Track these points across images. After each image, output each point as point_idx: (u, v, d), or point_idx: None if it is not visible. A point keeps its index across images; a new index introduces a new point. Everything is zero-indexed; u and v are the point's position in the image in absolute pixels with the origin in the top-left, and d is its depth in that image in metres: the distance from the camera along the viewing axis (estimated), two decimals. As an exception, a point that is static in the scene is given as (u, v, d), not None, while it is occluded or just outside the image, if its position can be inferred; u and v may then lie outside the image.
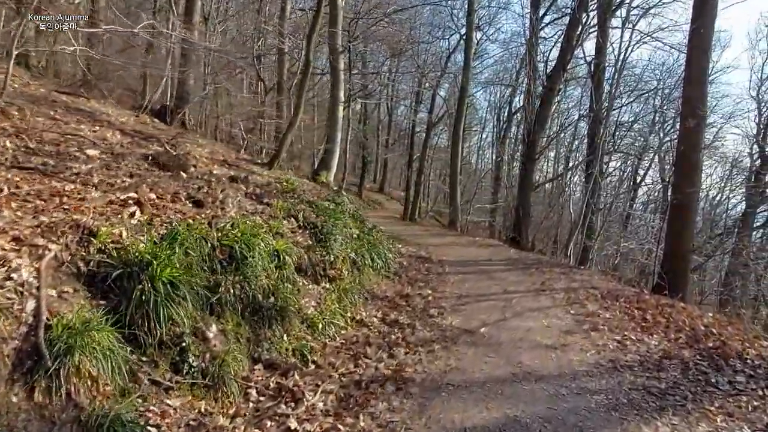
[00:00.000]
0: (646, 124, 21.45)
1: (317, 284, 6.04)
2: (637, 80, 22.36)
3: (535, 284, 9.28)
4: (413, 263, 10.44)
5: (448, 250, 13.45)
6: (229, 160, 10.48)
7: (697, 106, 12.92)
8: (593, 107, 17.83)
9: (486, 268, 10.92)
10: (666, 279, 12.29)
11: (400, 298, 7.54)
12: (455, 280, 9.37)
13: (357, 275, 7.31)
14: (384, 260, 8.67)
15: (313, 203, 7.98)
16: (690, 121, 12.07)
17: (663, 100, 21.85)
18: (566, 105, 26.86)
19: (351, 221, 8.58)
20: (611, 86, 17.69)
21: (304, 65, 11.72)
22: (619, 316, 7.08)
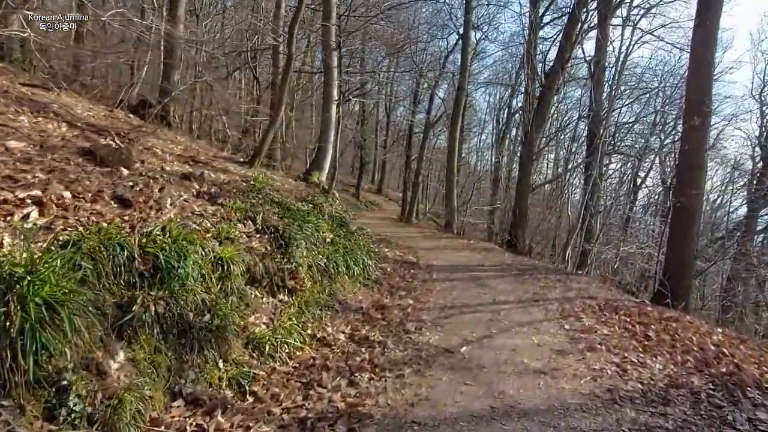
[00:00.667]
0: (647, 125, 20.54)
1: (273, 296, 5.18)
2: (638, 80, 21.50)
3: (528, 293, 8.41)
4: (398, 269, 9.59)
5: (439, 253, 12.60)
6: (204, 157, 9.65)
7: (702, 103, 12.03)
8: (593, 107, 16.95)
9: (477, 274, 10.05)
10: (668, 286, 11.45)
11: (376, 309, 6.68)
12: (442, 288, 8.51)
13: (327, 284, 6.46)
14: (362, 267, 7.81)
15: (282, 204, 7.14)
16: (695, 119, 11.18)
17: (664, 101, 20.92)
18: (566, 106, 26.04)
19: (326, 224, 7.73)
20: (611, 86, 16.83)
21: (287, 59, 10.88)
22: (619, 332, 6.21)
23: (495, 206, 24.10)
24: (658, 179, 26.09)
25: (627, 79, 19.65)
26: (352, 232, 9.22)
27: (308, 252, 6.17)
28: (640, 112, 21.21)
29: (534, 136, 17.50)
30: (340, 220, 9.58)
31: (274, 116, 10.92)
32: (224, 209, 5.56)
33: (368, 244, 10.25)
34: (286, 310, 5.15)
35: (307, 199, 8.95)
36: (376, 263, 9.41)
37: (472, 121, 37.16)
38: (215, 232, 4.93)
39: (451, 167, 21.82)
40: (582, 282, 9.86)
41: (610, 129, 18.63)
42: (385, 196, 36.40)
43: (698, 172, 12.31)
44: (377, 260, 9.74)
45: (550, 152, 28.79)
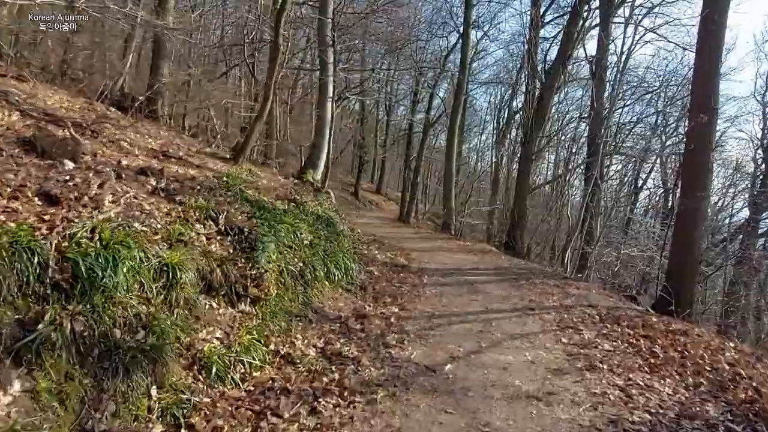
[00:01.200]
0: (648, 126, 19.82)
1: (233, 307, 4.51)
2: (640, 81, 20.78)
3: (524, 300, 7.73)
4: (387, 273, 8.91)
5: (433, 255, 11.92)
6: (183, 153, 8.99)
7: (708, 100, 11.34)
8: (594, 105, 16.25)
9: (470, 278, 9.37)
10: (671, 292, 10.77)
11: (356, 319, 6.00)
12: (431, 293, 7.83)
13: (301, 291, 5.79)
14: (344, 271, 7.14)
15: (256, 203, 6.47)
16: (701, 117, 10.47)
17: (666, 102, 20.19)
18: (566, 107, 25.32)
19: (306, 225, 7.04)
20: (613, 85, 16.12)
21: (273, 49, 10.21)
22: (622, 348, 5.53)
23: (494, 207, 23.39)
24: (659, 181, 25.43)
25: (629, 79, 18.93)
26: (338, 233, 8.54)
27: (279, 256, 5.50)
28: (641, 112, 20.53)
29: (534, 135, 16.82)
30: (326, 220, 8.91)
31: (261, 111, 10.25)
32: (182, 207, 4.89)
33: (355, 246, 9.59)
34: (247, 322, 4.48)
35: (290, 198, 8.27)
36: (363, 266, 8.74)
37: (472, 121, 36.48)
38: (165, 233, 4.26)
39: (450, 167, 21.14)
40: (581, 288, 9.18)
41: (612, 129, 17.95)
42: (384, 196, 35.71)
43: (703, 172, 11.62)
44: (365, 263, 9.08)
45: (551, 153, 28.08)
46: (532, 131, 16.62)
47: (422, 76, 26.14)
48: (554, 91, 17.18)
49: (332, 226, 8.83)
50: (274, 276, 5.14)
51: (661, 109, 19.55)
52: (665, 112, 19.85)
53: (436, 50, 29.13)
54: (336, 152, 34.50)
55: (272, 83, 10.10)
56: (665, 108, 19.72)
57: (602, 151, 15.32)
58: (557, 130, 20.15)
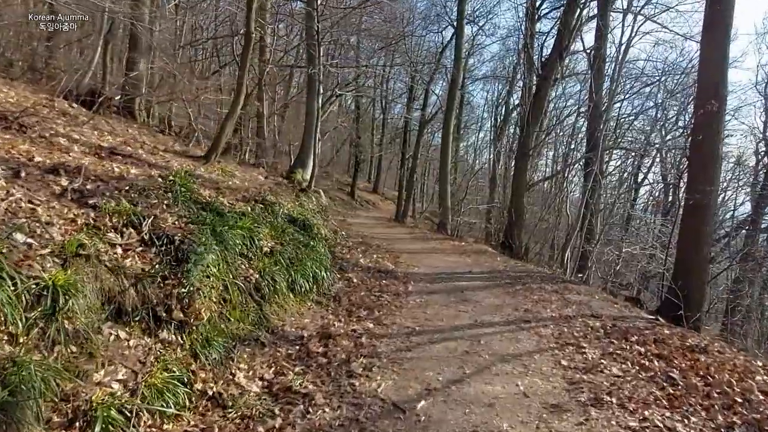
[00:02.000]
0: (648, 121, 18.78)
1: (150, 336, 3.55)
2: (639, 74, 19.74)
3: (518, 310, 6.75)
4: (368, 279, 7.93)
5: (424, 258, 10.94)
6: (143, 150, 8.06)
7: (716, 86, 10.32)
8: (593, 97, 15.24)
9: (461, 284, 8.39)
10: (679, 295, 9.79)
11: (321, 339, 5.04)
12: (415, 303, 6.86)
13: (254, 308, 4.83)
14: (314, 281, 6.18)
15: (208, 205, 5.51)
16: (711, 103, 9.48)
17: (666, 95, 19.13)
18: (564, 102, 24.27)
19: (269, 229, 6.08)
20: (612, 78, 15.11)
21: (245, 38, 9.24)
22: (633, 372, 4.54)
23: (492, 205, 22.36)
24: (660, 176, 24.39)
25: (628, 72, 17.91)
26: (313, 237, 7.58)
27: (224, 267, 4.53)
28: (641, 105, 19.50)
29: (530, 130, 15.81)
30: (302, 223, 7.96)
31: (233, 107, 9.30)
32: (95, 213, 3.93)
33: (335, 251, 8.64)
34: (168, 355, 3.52)
35: (258, 199, 7.32)
36: (341, 274, 7.78)
37: (470, 118, 35.49)
38: (57, 246, 3.30)
39: (445, 164, 20.19)
40: (582, 293, 8.19)
41: (611, 123, 16.96)
42: (381, 195, 34.74)
43: (712, 164, 10.60)
44: (344, 269, 8.12)
45: (549, 149, 27.04)
46: (528, 125, 15.60)
47: (417, 73, 25.18)
48: (551, 83, 16.14)
49: (308, 229, 7.87)
50: (211, 293, 4.17)
51: (661, 101, 18.49)
52: (667, 102, 18.78)
53: (431, 46, 28.25)
54: (332, 152, 33.61)
55: (245, 74, 9.14)
56: (666, 100, 18.67)
57: (602, 145, 14.33)
58: (555, 123, 19.08)
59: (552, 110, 21.80)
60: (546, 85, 15.96)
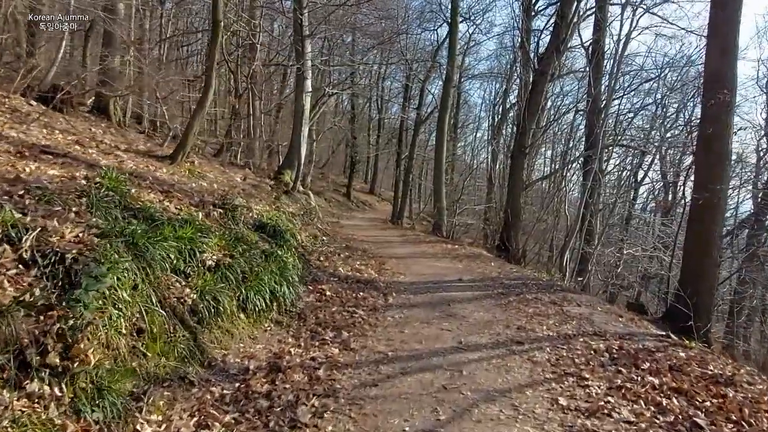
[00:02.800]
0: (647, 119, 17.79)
1: (13, 389, 2.62)
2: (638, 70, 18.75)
3: (510, 328, 5.80)
4: (343, 292, 6.98)
5: (412, 264, 10.00)
6: (95, 150, 7.14)
7: (725, 76, 9.38)
8: (591, 92, 14.31)
9: (449, 294, 7.44)
10: (688, 302, 8.86)
11: (268, 373, 4.10)
12: (393, 321, 5.91)
13: (187, 338, 3.89)
14: (274, 298, 5.24)
15: (142, 212, 4.58)
16: (725, 92, 8.54)
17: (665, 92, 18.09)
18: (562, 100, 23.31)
19: (218, 239, 5.13)
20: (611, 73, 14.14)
21: (213, 27, 8.31)
22: (648, 416, 3.58)
23: (488, 205, 21.38)
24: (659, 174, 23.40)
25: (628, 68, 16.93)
26: (282, 244, 6.64)
27: (142, 288, 3.59)
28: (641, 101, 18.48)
29: (527, 126, 14.84)
30: (271, 229, 7.03)
31: (201, 101, 8.38)
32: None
33: (309, 259, 7.69)
34: (34, 416, 2.58)
35: (218, 203, 6.39)
36: (314, 286, 6.85)
37: (467, 118, 34.55)
38: None
39: (440, 163, 19.22)
40: (583, 304, 7.23)
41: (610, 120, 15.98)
42: (378, 196, 33.83)
43: (722, 161, 9.65)
44: (318, 280, 7.17)
45: (547, 149, 26.11)
46: (525, 122, 14.64)
47: (413, 71, 24.24)
48: (548, 78, 15.16)
49: (279, 235, 6.94)
50: (119, 323, 3.22)
51: (662, 96, 17.48)
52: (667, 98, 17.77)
53: (426, 45, 27.32)
54: (328, 153, 32.69)
55: (212, 67, 8.20)
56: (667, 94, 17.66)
57: (601, 142, 13.37)
58: (553, 119, 18.06)
59: (550, 108, 20.87)
60: (543, 80, 15.00)
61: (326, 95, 21.19)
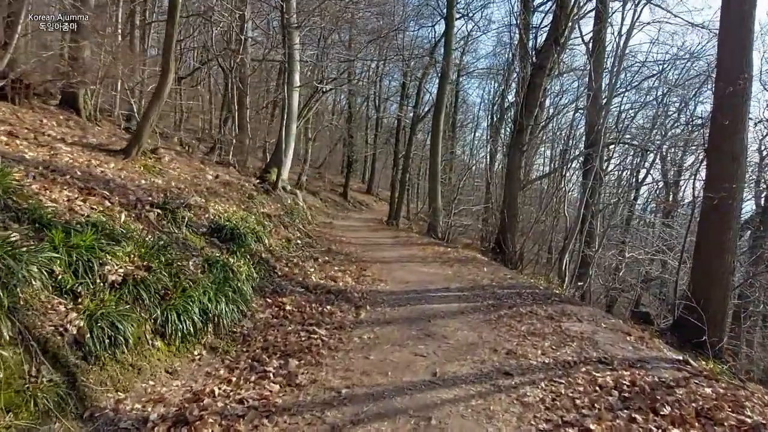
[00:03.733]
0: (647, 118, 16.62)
1: None
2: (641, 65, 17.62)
3: (498, 352, 4.72)
4: (308, 305, 5.90)
5: (397, 270, 8.94)
6: (18, 143, 6.12)
7: (741, 62, 8.28)
8: (592, 86, 13.20)
9: (432, 307, 6.36)
10: (701, 313, 7.78)
11: (170, 429, 3.05)
12: (359, 343, 4.85)
13: (60, 382, 2.84)
14: (205, 319, 4.18)
15: (26, 213, 3.54)
16: (743, 77, 7.46)
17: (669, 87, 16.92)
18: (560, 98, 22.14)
19: (134, 248, 4.08)
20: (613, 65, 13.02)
21: (169, 7, 7.27)
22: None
23: (484, 205, 20.25)
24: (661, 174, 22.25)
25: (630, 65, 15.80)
26: (235, 250, 5.59)
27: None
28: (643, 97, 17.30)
29: (524, 122, 13.75)
30: (228, 232, 5.99)
31: (159, 89, 7.33)
32: None
33: (272, 267, 6.63)
34: None
35: (158, 203, 5.35)
36: (273, 299, 5.78)
37: (466, 117, 33.40)
38: None
39: (435, 162, 18.13)
40: (585, 319, 6.14)
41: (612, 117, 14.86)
42: (375, 196, 32.74)
43: (738, 157, 8.54)
44: (279, 292, 6.11)
45: (546, 148, 24.94)
46: (522, 118, 13.55)
47: (409, 68, 23.17)
48: (547, 72, 14.06)
49: (236, 240, 5.88)
50: None
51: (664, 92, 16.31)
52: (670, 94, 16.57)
53: (424, 42, 26.23)
54: (323, 152, 31.60)
55: (171, 49, 7.16)
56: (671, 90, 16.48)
57: (603, 140, 12.26)
58: (552, 115, 16.90)
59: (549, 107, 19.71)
60: (541, 75, 13.90)
61: (319, 92, 20.10)
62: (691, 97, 19.31)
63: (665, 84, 16.27)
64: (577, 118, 18.39)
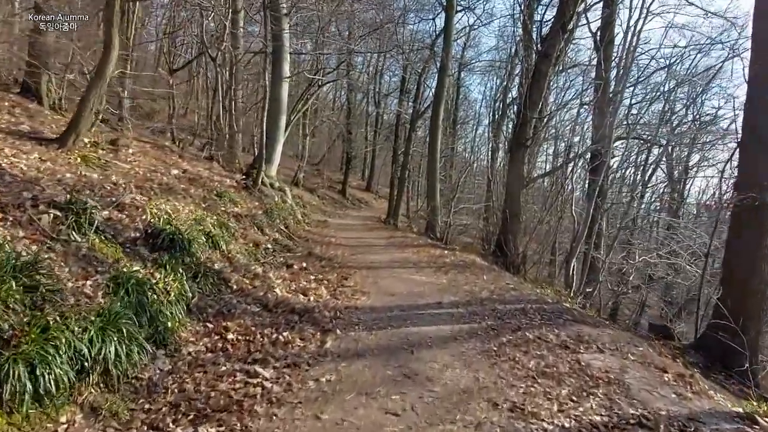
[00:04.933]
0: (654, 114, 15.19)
1: None
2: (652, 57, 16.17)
3: (500, 408, 3.38)
4: (258, 332, 4.54)
5: (384, 278, 7.60)
6: None
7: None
8: (602, 75, 11.81)
9: (418, 331, 5.01)
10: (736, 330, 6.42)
11: None
12: (311, 392, 3.51)
13: None
14: (80, 368, 2.85)
15: None
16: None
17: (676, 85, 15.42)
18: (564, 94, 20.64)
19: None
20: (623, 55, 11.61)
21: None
22: None
23: (485, 204, 18.83)
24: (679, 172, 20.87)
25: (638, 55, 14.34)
26: (169, 262, 4.27)
27: None
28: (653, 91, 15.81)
29: (528, 116, 12.35)
30: (167, 239, 4.67)
31: (100, 68, 6.02)
32: None
33: (224, 281, 5.30)
34: None
35: (61, 204, 4.03)
36: (215, 323, 4.46)
37: (467, 114, 31.92)
38: None
39: (434, 158, 16.79)
40: (607, 348, 4.77)
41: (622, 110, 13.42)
42: (375, 194, 31.37)
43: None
44: (227, 313, 4.77)
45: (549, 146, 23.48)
46: (526, 110, 12.15)
47: (409, 61, 21.75)
48: (552, 62, 12.64)
49: (176, 248, 4.55)
50: None
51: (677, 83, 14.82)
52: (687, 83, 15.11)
53: (425, 37, 24.82)
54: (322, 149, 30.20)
55: (113, 20, 5.83)
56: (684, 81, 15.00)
57: (612, 134, 10.87)
58: (558, 108, 15.41)
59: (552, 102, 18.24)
60: (546, 64, 12.46)
61: (315, 85, 18.74)
62: (699, 92, 17.88)
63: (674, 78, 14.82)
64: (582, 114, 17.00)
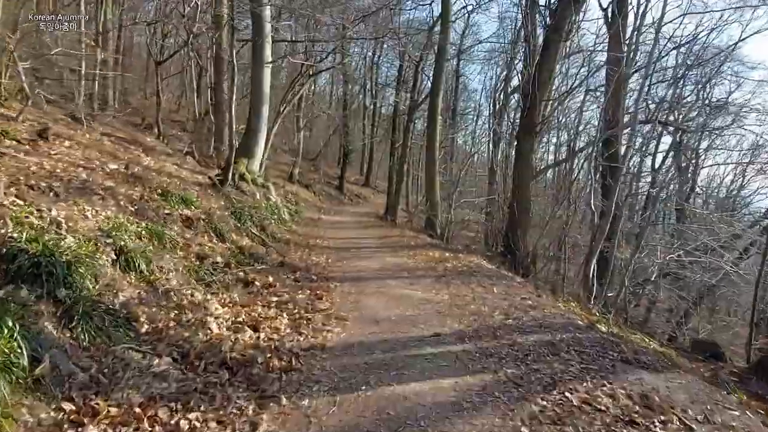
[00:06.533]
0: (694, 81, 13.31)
1: None
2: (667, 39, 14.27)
3: None
4: (145, 416, 2.85)
5: (369, 294, 5.89)
6: None
7: None
8: (621, 49, 10.01)
9: (405, 391, 3.29)
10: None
11: None
12: None
13: None
14: None
15: None
16: None
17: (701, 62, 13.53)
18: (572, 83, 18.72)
19: None
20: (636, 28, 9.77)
21: None
22: None
23: (490, 197, 17.02)
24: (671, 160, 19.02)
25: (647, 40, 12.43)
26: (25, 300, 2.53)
27: None
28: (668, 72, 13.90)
29: (536, 99, 10.56)
30: (24, 265, 2.95)
31: None
32: None
33: (73, 332, 3.58)
34: None
35: None
36: (75, 407, 2.72)
37: (467, 105, 30.04)
38: None
39: (432, 149, 15.07)
40: (689, 407, 3.04)
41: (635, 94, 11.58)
42: (373, 189, 29.62)
43: None
44: (103, 383, 3.05)
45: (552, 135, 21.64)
46: (535, 93, 10.36)
47: (405, 49, 19.91)
48: (563, 37, 10.83)
49: (48, 279, 2.80)
50: None
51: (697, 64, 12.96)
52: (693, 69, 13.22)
53: (423, 25, 22.97)
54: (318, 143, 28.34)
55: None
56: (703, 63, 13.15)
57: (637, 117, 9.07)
58: (571, 88, 13.53)
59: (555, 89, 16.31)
60: (557, 40, 10.66)
61: (304, 74, 16.94)
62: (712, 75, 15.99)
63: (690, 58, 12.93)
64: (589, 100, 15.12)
